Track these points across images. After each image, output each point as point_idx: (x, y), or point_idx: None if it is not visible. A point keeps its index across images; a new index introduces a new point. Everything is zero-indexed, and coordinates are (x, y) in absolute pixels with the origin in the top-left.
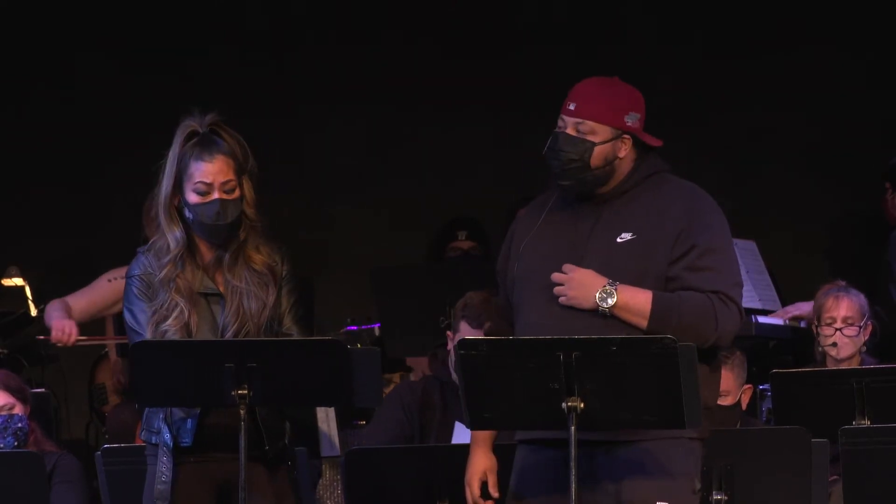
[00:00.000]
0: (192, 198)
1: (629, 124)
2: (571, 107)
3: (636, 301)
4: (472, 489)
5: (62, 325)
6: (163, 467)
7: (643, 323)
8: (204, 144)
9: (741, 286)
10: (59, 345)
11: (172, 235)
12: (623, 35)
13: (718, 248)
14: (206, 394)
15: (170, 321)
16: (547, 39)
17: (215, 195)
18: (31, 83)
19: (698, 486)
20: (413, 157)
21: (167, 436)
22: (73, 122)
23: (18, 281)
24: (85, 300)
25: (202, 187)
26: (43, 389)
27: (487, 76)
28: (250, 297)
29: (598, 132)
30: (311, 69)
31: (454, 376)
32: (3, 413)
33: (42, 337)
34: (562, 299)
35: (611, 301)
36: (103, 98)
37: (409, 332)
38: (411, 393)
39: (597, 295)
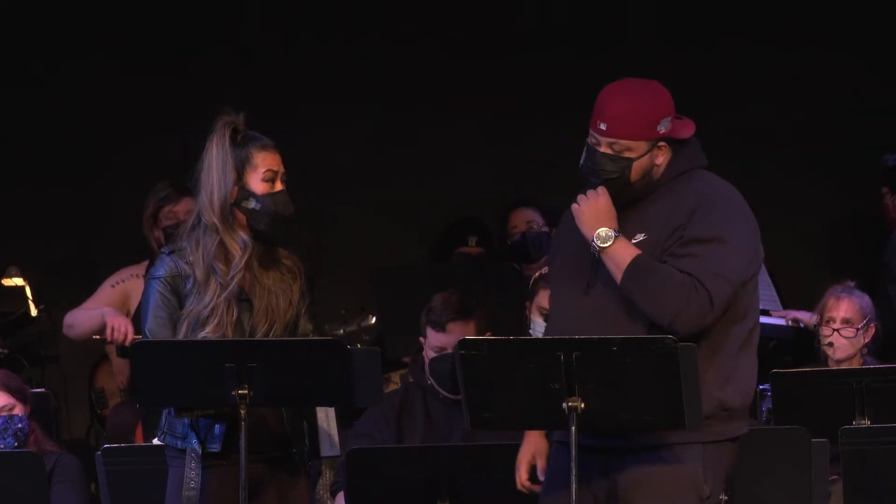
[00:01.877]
0: (261, 187)
1: (662, 132)
2: (603, 126)
3: (622, 253)
4: (520, 473)
5: (118, 323)
6: (191, 473)
7: (619, 275)
8: (258, 136)
9: (726, 280)
10: (116, 343)
11: (238, 240)
12: (623, 35)
13: (709, 240)
14: (207, 394)
15: (208, 329)
16: (547, 39)
17: (279, 185)
18: (30, 82)
19: (707, 491)
20: (413, 157)
21: (195, 442)
22: (74, 122)
23: (18, 281)
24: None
25: (270, 175)
26: (43, 389)
27: (488, 76)
28: (278, 295)
29: (634, 148)
30: (311, 69)
31: (430, 381)
32: (4, 414)
33: (98, 337)
34: (574, 206)
35: (606, 244)
36: (103, 98)
37: (409, 332)
38: (388, 403)
39: (599, 230)
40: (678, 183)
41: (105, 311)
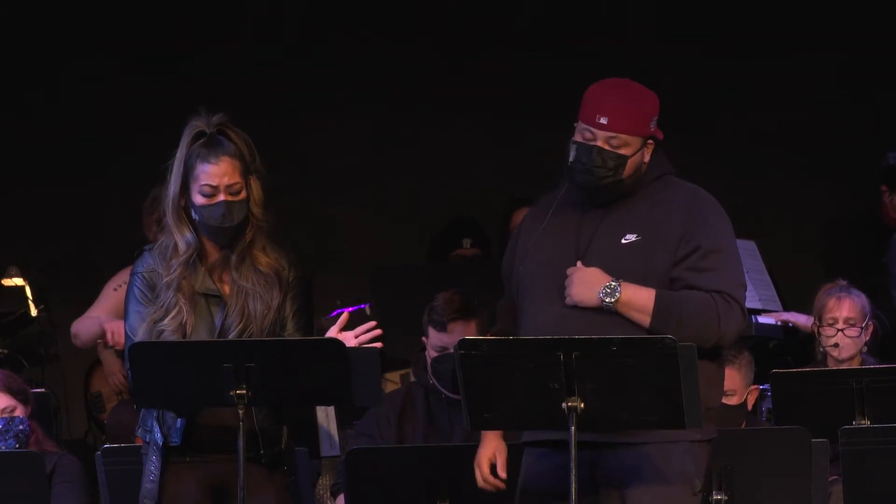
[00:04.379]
0: (198, 199)
1: (653, 129)
2: (603, 121)
3: (639, 297)
4: (482, 469)
5: (115, 327)
6: (151, 466)
7: (646, 320)
8: (210, 146)
9: (745, 287)
10: (116, 347)
11: (183, 238)
12: (623, 35)
13: (721, 249)
14: (205, 394)
15: (167, 320)
16: (547, 40)
17: (221, 197)
18: (31, 83)
19: (698, 486)
20: (413, 157)
21: (158, 435)
22: (73, 122)
23: (18, 281)
24: (102, 314)
25: (208, 189)
26: (43, 390)
27: (488, 76)
28: (255, 299)
29: (630, 144)
30: (311, 69)
31: (432, 381)
32: (5, 415)
33: (101, 341)
34: (567, 298)
35: (615, 297)
36: (103, 98)
37: (409, 332)
38: (389, 402)
39: (600, 291)
40: (660, 186)
41: (102, 319)
